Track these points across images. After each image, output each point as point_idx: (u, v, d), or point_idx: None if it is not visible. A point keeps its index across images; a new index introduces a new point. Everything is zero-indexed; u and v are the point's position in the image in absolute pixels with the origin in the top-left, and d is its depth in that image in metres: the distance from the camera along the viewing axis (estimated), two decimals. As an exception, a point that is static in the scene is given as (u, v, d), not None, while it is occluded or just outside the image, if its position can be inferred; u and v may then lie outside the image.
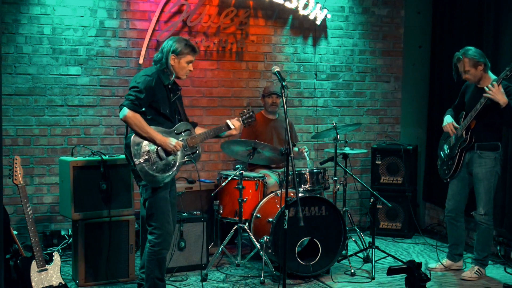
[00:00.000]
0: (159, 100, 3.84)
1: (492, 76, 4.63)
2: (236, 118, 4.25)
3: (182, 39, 3.93)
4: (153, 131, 3.77)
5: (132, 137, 3.74)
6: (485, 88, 4.45)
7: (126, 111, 3.70)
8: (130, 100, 3.72)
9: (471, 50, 4.62)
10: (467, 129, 4.65)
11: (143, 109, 3.76)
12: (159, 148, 3.81)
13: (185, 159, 3.97)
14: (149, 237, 3.89)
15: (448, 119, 4.85)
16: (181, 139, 3.95)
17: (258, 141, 5.00)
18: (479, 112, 4.53)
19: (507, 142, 5.21)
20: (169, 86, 3.94)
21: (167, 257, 4.05)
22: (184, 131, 4.01)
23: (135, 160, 3.71)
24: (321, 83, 6.39)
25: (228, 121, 4.20)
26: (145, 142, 3.77)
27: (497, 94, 4.40)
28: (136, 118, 3.72)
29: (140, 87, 3.75)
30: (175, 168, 3.89)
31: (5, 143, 5.21)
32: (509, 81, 4.54)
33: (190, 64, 3.95)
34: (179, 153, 3.90)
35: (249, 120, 4.30)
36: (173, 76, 3.89)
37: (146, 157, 3.75)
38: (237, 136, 5.26)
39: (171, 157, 3.86)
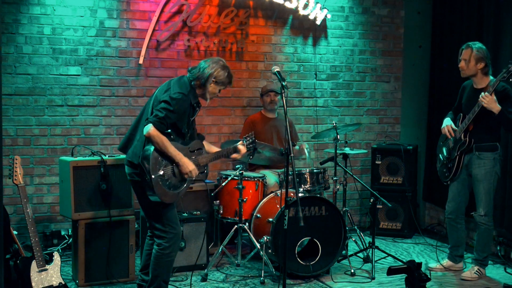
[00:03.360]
0: (183, 121, 3.83)
1: (492, 79, 4.63)
2: (240, 143, 4.26)
3: (225, 67, 3.91)
4: (175, 151, 3.73)
5: (152, 151, 3.67)
6: (481, 94, 4.46)
7: (151, 130, 3.63)
8: (159, 119, 3.66)
9: (482, 46, 4.64)
10: (466, 132, 4.66)
11: (169, 130, 3.73)
12: (174, 165, 3.79)
13: (194, 178, 3.93)
14: (158, 240, 3.87)
15: (447, 122, 4.86)
16: (193, 157, 3.93)
17: (258, 140, 5.00)
18: (476, 114, 4.54)
19: (506, 143, 5.20)
20: (194, 105, 3.90)
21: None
22: (197, 150, 4.00)
23: (152, 174, 3.66)
24: (321, 83, 6.39)
25: (237, 146, 4.23)
26: (163, 157, 3.73)
27: (491, 103, 4.42)
28: (160, 138, 3.66)
29: (173, 108, 3.69)
30: (185, 186, 3.88)
31: (5, 143, 5.21)
32: (507, 83, 4.54)
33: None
34: None
35: (252, 146, 4.32)
36: (208, 100, 3.91)
37: (162, 172, 3.72)
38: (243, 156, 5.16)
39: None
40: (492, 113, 4.46)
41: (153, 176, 3.66)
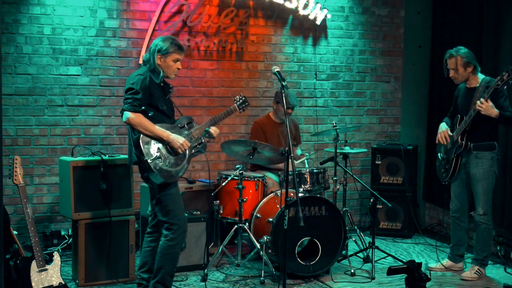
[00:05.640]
0: (156, 97, 3.88)
1: (481, 77, 4.66)
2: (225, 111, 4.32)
3: (168, 38, 3.95)
4: (158, 129, 3.80)
5: (141, 136, 3.76)
6: (477, 103, 4.46)
7: (128, 114, 3.73)
8: (128, 103, 3.75)
9: (464, 50, 4.67)
10: (463, 134, 4.66)
11: (143, 107, 3.78)
12: (166, 144, 3.85)
13: (193, 151, 4.03)
14: (165, 232, 3.92)
15: (442, 127, 4.87)
16: (186, 132, 4.00)
17: (267, 142, 5.00)
18: (473, 118, 4.55)
19: (506, 142, 5.21)
20: (161, 85, 3.97)
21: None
22: (187, 124, 4.06)
23: (147, 158, 3.73)
24: (321, 83, 6.39)
25: (230, 108, 4.31)
26: (154, 140, 3.80)
27: (488, 109, 4.44)
28: (139, 119, 3.74)
29: (136, 88, 3.77)
30: (186, 160, 3.94)
31: (5, 143, 5.21)
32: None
33: (178, 63, 3.95)
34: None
35: (244, 105, 4.38)
36: (161, 75, 3.90)
37: (158, 154, 3.79)
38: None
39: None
40: (488, 116, 4.48)
41: (149, 161, 3.74)
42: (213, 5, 5.85)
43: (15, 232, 4.19)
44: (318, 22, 6.21)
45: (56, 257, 4.03)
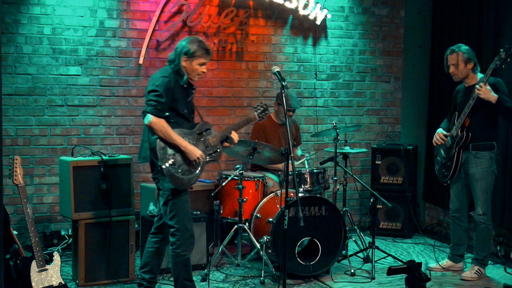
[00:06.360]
0: (178, 100, 3.84)
1: (480, 75, 4.67)
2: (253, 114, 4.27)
3: (196, 40, 3.89)
4: (178, 138, 3.75)
5: (157, 141, 3.71)
6: (476, 87, 4.47)
7: (150, 118, 3.68)
8: (152, 106, 3.70)
9: (465, 46, 4.69)
10: (462, 127, 4.66)
11: (167, 113, 3.75)
12: (182, 152, 3.81)
13: (208, 158, 3.97)
14: (171, 239, 3.89)
15: (438, 131, 4.88)
16: (202, 139, 3.95)
17: (268, 143, 5.00)
18: (472, 109, 4.54)
19: (506, 142, 5.21)
20: (185, 86, 3.92)
21: (167, 257, 4.06)
22: (205, 131, 4.01)
23: (161, 164, 3.70)
24: (321, 83, 6.39)
25: (249, 116, 4.26)
26: (170, 146, 3.76)
27: (487, 93, 4.43)
28: (161, 124, 3.70)
29: (160, 91, 3.72)
30: (199, 169, 3.89)
31: (5, 143, 5.21)
32: (497, 72, 4.55)
33: (203, 66, 3.91)
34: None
35: (263, 114, 4.31)
36: (185, 78, 3.87)
37: (172, 160, 3.74)
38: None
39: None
40: (488, 106, 4.47)
41: (163, 167, 3.70)
42: (213, 5, 5.85)
43: (15, 232, 4.19)
44: (318, 22, 6.21)
45: (56, 257, 4.03)
